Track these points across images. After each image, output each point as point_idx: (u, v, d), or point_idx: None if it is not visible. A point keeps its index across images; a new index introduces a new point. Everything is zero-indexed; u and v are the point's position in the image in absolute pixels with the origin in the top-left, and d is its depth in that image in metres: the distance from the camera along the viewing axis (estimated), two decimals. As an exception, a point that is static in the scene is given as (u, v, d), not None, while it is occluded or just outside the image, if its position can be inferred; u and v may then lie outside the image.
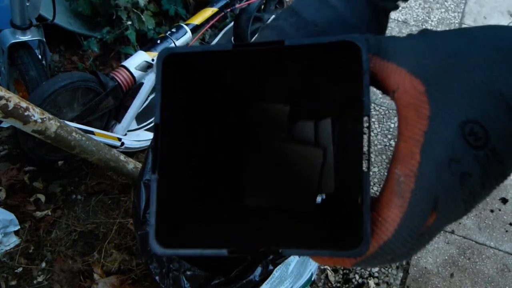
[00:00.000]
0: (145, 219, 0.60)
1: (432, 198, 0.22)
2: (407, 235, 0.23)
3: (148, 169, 0.67)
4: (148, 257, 0.56)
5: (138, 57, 1.35)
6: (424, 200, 0.22)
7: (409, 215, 0.23)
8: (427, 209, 0.23)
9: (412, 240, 0.23)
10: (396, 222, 0.23)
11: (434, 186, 0.22)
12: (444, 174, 0.22)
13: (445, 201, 0.23)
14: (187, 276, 0.53)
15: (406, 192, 0.23)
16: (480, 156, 0.22)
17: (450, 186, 0.22)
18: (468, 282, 1.29)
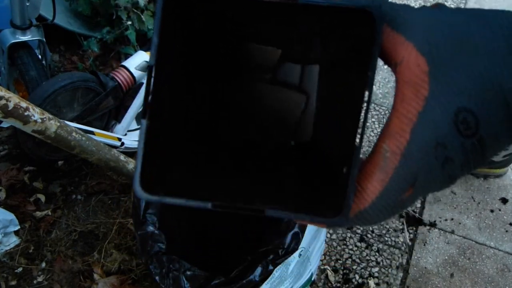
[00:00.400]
0: (145, 219, 0.60)
1: (413, 177, 0.23)
2: (383, 207, 0.24)
3: None
4: (148, 257, 0.56)
5: (138, 57, 1.35)
6: (405, 178, 0.23)
7: (388, 189, 0.24)
8: (405, 186, 0.23)
9: (386, 212, 0.24)
10: (374, 195, 0.24)
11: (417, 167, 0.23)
12: (428, 157, 0.23)
13: (423, 181, 0.23)
14: (187, 276, 0.53)
15: (389, 168, 0.23)
16: (466, 144, 0.22)
17: (431, 169, 0.23)
18: (468, 282, 1.29)
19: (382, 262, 1.31)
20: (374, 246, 1.33)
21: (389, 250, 1.33)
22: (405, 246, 1.34)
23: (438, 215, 1.42)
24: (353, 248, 1.33)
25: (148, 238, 0.58)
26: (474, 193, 1.47)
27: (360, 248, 1.32)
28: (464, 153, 0.23)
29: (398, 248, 1.34)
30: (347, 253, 1.32)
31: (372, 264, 1.30)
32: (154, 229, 0.59)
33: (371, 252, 1.32)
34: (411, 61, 0.23)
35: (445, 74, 0.22)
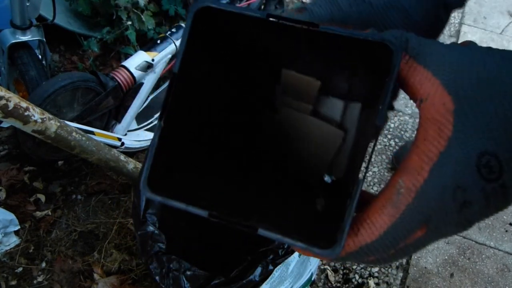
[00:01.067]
0: (145, 219, 0.60)
1: (425, 217, 0.22)
2: (390, 244, 0.23)
3: None
4: (148, 257, 0.56)
5: (138, 57, 1.35)
6: (417, 217, 0.22)
7: (397, 226, 0.23)
8: (416, 225, 0.23)
9: (392, 249, 0.23)
10: (382, 229, 0.23)
11: (431, 207, 0.22)
12: (445, 198, 0.22)
13: (438, 222, 0.22)
14: (187, 276, 0.53)
15: (402, 204, 0.23)
16: (487, 188, 0.22)
17: (448, 211, 0.22)
18: (468, 282, 1.29)
19: (382, 262, 1.31)
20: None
21: (389, 250, 1.33)
22: (405, 246, 1.34)
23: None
24: (353, 248, 1.33)
25: (148, 238, 0.58)
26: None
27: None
28: (485, 198, 0.22)
29: (398, 248, 1.34)
30: (347, 253, 1.32)
31: (372, 264, 1.30)
32: (154, 229, 0.59)
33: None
34: (436, 98, 0.22)
35: (470, 114, 0.22)
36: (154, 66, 1.37)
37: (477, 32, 2.05)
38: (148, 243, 0.57)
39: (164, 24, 1.81)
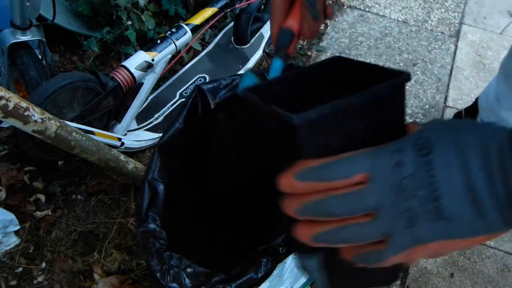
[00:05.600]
0: (147, 217, 0.61)
1: (368, 164, 0.31)
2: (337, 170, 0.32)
3: (154, 167, 0.68)
4: (149, 254, 0.56)
5: (138, 57, 1.35)
6: (362, 159, 0.31)
7: (347, 159, 0.32)
8: (362, 167, 0.31)
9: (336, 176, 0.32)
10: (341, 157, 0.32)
11: (376, 161, 0.31)
12: (386, 155, 0.31)
13: (378, 172, 0.31)
14: (188, 273, 0.53)
15: (358, 151, 0.32)
16: (417, 158, 0.30)
17: (386, 166, 0.31)
18: (468, 282, 1.29)
19: (382, 262, 1.31)
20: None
21: (389, 250, 1.33)
22: (405, 246, 1.34)
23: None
24: (353, 248, 1.33)
25: (149, 235, 0.58)
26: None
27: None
28: (413, 164, 0.30)
29: (398, 248, 1.34)
30: (347, 253, 1.32)
31: (372, 264, 1.30)
32: (156, 226, 0.60)
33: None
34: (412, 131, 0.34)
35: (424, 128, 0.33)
36: (154, 66, 1.37)
37: (477, 32, 2.05)
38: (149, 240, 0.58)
39: (164, 24, 1.81)
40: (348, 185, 0.31)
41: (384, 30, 2.02)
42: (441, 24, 2.07)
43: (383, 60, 1.89)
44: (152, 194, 0.65)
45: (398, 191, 0.30)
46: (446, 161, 0.30)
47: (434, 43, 1.98)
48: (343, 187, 0.31)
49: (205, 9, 1.52)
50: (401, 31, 2.02)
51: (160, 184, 0.66)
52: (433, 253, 0.32)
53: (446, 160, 0.30)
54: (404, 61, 1.89)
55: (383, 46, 1.95)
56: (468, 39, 2.02)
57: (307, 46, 1.93)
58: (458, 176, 0.30)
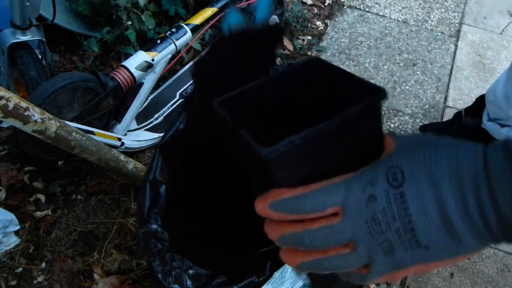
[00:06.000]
0: (149, 217, 0.61)
1: (341, 198, 0.31)
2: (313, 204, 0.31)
3: (155, 168, 0.68)
4: (151, 255, 0.56)
5: (138, 57, 1.35)
6: (338, 192, 0.31)
7: (323, 191, 0.31)
8: (336, 200, 0.31)
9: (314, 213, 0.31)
10: (312, 188, 0.31)
11: (349, 194, 0.31)
12: (359, 189, 0.31)
13: (351, 206, 0.30)
14: (190, 274, 0.53)
15: (331, 181, 0.32)
16: (390, 191, 0.30)
17: (359, 198, 0.30)
18: (468, 282, 1.29)
19: (382, 262, 1.31)
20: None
21: (389, 250, 1.33)
22: (405, 246, 1.34)
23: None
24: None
25: (151, 236, 0.58)
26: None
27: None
28: (386, 197, 0.30)
29: (398, 248, 1.34)
30: (347, 253, 1.32)
31: (372, 264, 1.30)
32: (158, 227, 0.60)
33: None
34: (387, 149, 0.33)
35: (397, 152, 0.32)
36: (154, 66, 1.37)
37: (477, 32, 2.05)
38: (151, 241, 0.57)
39: (164, 24, 1.81)
40: (321, 217, 0.31)
41: (384, 30, 2.02)
42: (441, 24, 2.07)
43: (383, 60, 1.89)
44: (154, 194, 0.65)
45: (373, 224, 0.30)
46: (418, 193, 0.30)
47: (434, 43, 1.98)
48: (318, 219, 0.31)
49: (205, 9, 1.52)
50: (401, 31, 2.02)
51: (161, 184, 0.66)
52: (414, 273, 0.32)
53: (418, 192, 0.30)
54: (404, 61, 1.89)
55: (383, 46, 1.95)
56: (468, 39, 2.02)
57: (307, 46, 1.93)
58: (431, 207, 0.30)
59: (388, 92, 0.33)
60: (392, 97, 1.76)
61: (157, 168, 0.67)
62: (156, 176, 0.67)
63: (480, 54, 1.96)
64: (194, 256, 0.59)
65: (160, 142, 0.71)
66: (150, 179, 0.66)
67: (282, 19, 1.86)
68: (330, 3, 2.13)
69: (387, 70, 1.85)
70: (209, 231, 0.76)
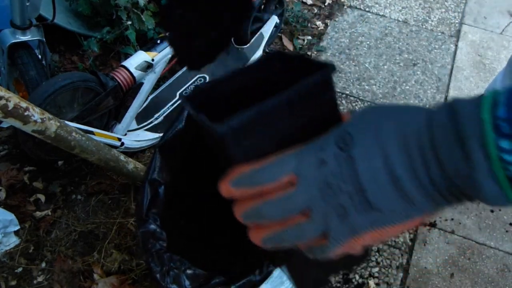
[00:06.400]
0: (147, 217, 0.61)
1: (294, 165, 0.31)
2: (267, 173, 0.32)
3: (155, 168, 0.68)
4: (149, 255, 0.56)
5: (138, 57, 1.35)
6: (289, 160, 0.31)
7: (276, 162, 0.32)
8: (289, 167, 0.31)
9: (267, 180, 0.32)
10: (268, 162, 0.32)
11: (302, 160, 0.31)
12: (311, 155, 0.31)
13: (304, 172, 0.31)
14: (188, 274, 0.53)
15: (286, 153, 0.32)
16: (339, 154, 0.31)
17: (311, 164, 0.31)
18: (468, 282, 1.29)
19: (382, 262, 1.31)
20: (374, 246, 1.33)
21: (389, 250, 1.33)
22: (405, 246, 1.34)
23: (438, 215, 1.42)
24: (353, 248, 1.32)
25: (150, 236, 0.58)
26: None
27: (360, 248, 1.32)
28: (336, 160, 0.30)
29: (398, 248, 1.34)
30: (347, 253, 1.32)
31: (372, 264, 1.30)
32: (156, 227, 0.60)
33: (371, 252, 1.32)
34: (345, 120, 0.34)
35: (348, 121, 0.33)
36: (154, 66, 1.37)
37: (477, 32, 2.05)
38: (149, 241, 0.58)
39: (164, 24, 1.81)
40: (278, 188, 0.32)
41: (384, 30, 2.02)
42: (441, 24, 2.07)
43: (383, 60, 1.89)
44: (153, 194, 0.65)
45: (325, 188, 0.30)
46: (367, 154, 0.30)
47: (434, 43, 1.98)
48: (274, 191, 0.32)
49: (205, 9, 1.51)
50: (401, 31, 2.02)
51: (160, 184, 0.66)
52: (373, 240, 0.33)
53: (366, 153, 0.30)
54: (404, 61, 1.89)
55: (383, 46, 1.95)
56: (468, 39, 2.02)
57: (307, 46, 1.93)
58: (379, 167, 0.30)
59: (336, 66, 0.36)
60: (392, 97, 1.76)
61: (156, 168, 0.67)
62: (155, 176, 0.67)
63: (480, 54, 1.96)
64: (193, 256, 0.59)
65: (160, 142, 0.71)
66: (149, 179, 0.66)
67: (282, 19, 1.86)
68: (330, 3, 2.13)
69: (387, 70, 1.85)
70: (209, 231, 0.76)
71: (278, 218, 0.32)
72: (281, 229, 0.33)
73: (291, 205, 0.31)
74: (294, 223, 0.32)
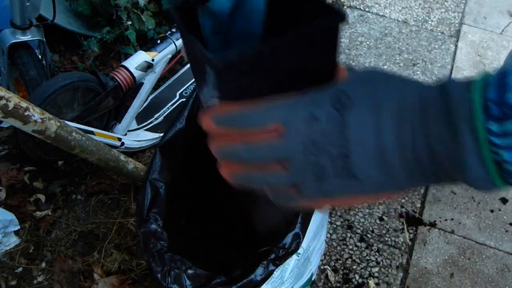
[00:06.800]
0: (148, 217, 0.61)
1: (283, 115, 0.30)
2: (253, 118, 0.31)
3: (155, 168, 0.68)
4: (150, 254, 0.56)
5: (138, 57, 1.35)
6: (279, 108, 0.30)
7: (264, 107, 0.31)
8: (275, 116, 0.30)
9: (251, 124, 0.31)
10: (254, 105, 0.31)
11: (290, 109, 0.30)
12: (301, 107, 0.30)
13: (293, 123, 0.30)
14: (189, 274, 0.53)
15: (276, 100, 0.31)
16: (332, 113, 0.30)
17: (302, 117, 0.30)
18: (468, 282, 1.29)
19: (382, 262, 1.31)
20: (374, 246, 1.33)
21: (389, 250, 1.33)
22: (405, 246, 1.34)
23: (438, 215, 1.42)
24: (353, 248, 1.33)
25: (150, 236, 0.59)
26: (474, 193, 1.48)
27: (360, 248, 1.32)
28: (328, 119, 0.29)
29: (398, 248, 1.34)
30: (347, 253, 1.32)
31: (372, 264, 1.30)
32: (157, 227, 0.60)
33: (371, 252, 1.32)
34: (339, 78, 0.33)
35: (347, 80, 0.32)
36: (154, 66, 1.37)
37: (477, 32, 2.05)
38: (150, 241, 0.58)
39: (164, 24, 1.81)
40: (261, 133, 0.31)
41: (384, 30, 2.02)
42: (441, 24, 2.07)
43: (383, 60, 1.89)
44: (154, 194, 0.65)
45: (310, 145, 0.30)
46: (361, 120, 0.29)
47: (434, 43, 1.98)
48: (256, 136, 0.31)
49: (205, 9, 1.51)
50: (401, 31, 2.02)
51: (161, 184, 0.66)
52: (339, 204, 0.33)
53: (361, 120, 0.29)
54: (404, 61, 1.89)
55: (383, 46, 1.95)
56: (468, 39, 2.02)
57: (307, 46, 1.93)
58: (370, 136, 0.29)
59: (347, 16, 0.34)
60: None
61: (157, 168, 0.67)
62: (156, 176, 0.67)
63: (480, 54, 1.96)
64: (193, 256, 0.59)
65: (160, 142, 0.71)
66: (149, 179, 0.66)
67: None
68: (330, 3, 2.13)
69: (387, 70, 1.85)
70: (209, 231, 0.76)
71: (252, 162, 0.32)
72: (254, 172, 0.32)
73: (271, 153, 0.31)
74: (268, 170, 0.32)
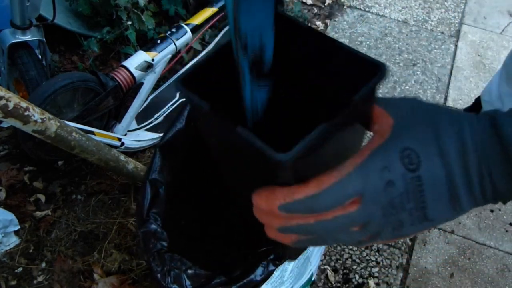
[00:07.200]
0: (148, 217, 0.61)
1: (360, 188, 0.30)
2: (330, 202, 0.30)
3: (155, 168, 0.68)
4: (150, 255, 0.56)
5: (138, 57, 1.35)
6: (354, 183, 0.30)
7: (338, 186, 0.30)
8: (352, 192, 0.30)
9: (331, 210, 0.30)
10: (326, 184, 0.30)
11: (365, 181, 0.30)
12: (375, 175, 0.30)
13: (369, 195, 0.30)
14: (189, 274, 0.54)
15: (344, 171, 0.30)
16: (407, 175, 0.30)
17: (376, 187, 0.30)
18: (468, 282, 1.29)
19: (382, 262, 1.31)
20: (374, 246, 1.33)
21: (389, 250, 1.33)
22: (405, 246, 1.34)
23: (438, 215, 1.42)
24: (353, 248, 1.33)
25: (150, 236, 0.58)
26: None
27: (360, 248, 1.32)
28: (404, 181, 0.30)
29: (398, 248, 1.34)
30: (347, 253, 1.32)
31: (372, 264, 1.30)
32: (157, 227, 0.60)
33: (371, 252, 1.32)
34: (384, 121, 0.33)
35: (402, 126, 0.32)
36: (154, 66, 1.37)
37: (477, 32, 2.05)
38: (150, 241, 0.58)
39: (164, 24, 1.81)
40: (338, 210, 0.30)
41: (384, 30, 2.02)
42: (441, 24, 2.07)
43: (383, 60, 1.89)
44: (153, 194, 0.65)
45: (389, 208, 0.30)
46: (432, 170, 0.30)
47: (434, 43, 1.98)
48: (333, 212, 0.31)
49: (205, 9, 1.52)
50: (401, 31, 2.02)
51: (161, 184, 0.66)
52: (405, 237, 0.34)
53: (433, 174, 0.30)
54: (404, 61, 1.89)
55: (383, 46, 1.95)
56: (468, 39, 2.02)
57: (307, 46, 1.93)
58: (442, 182, 0.30)
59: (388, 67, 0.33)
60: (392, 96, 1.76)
61: (157, 168, 0.67)
62: (156, 176, 0.67)
63: (480, 54, 1.96)
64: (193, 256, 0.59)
65: (161, 142, 0.71)
66: (149, 179, 0.66)
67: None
68: (330, 3, 2.13)
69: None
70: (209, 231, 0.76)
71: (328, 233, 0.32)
72: (326, 238, 0.33)
73: (349, 222, 0.31)
74: (344, 232, 0.32)
